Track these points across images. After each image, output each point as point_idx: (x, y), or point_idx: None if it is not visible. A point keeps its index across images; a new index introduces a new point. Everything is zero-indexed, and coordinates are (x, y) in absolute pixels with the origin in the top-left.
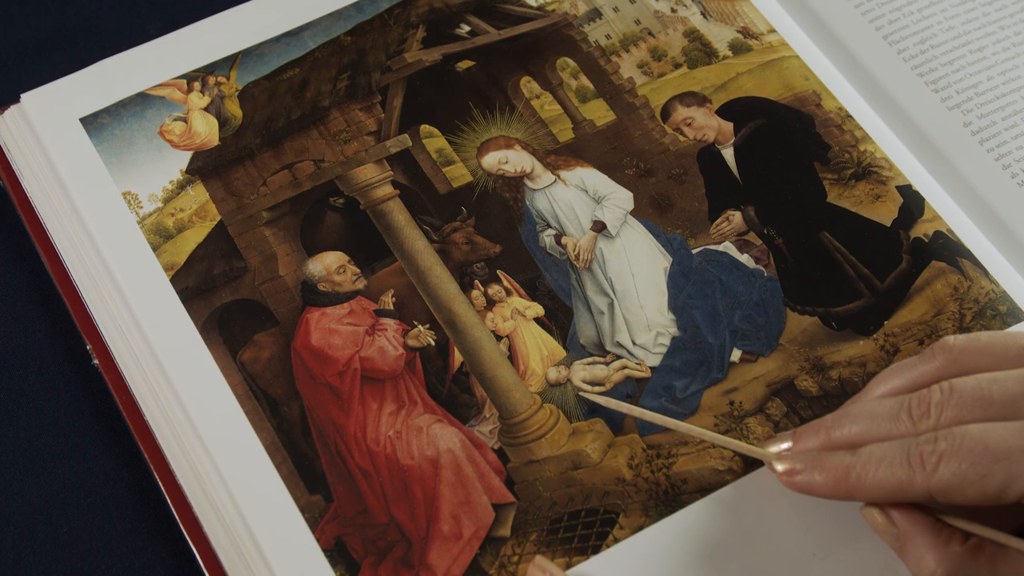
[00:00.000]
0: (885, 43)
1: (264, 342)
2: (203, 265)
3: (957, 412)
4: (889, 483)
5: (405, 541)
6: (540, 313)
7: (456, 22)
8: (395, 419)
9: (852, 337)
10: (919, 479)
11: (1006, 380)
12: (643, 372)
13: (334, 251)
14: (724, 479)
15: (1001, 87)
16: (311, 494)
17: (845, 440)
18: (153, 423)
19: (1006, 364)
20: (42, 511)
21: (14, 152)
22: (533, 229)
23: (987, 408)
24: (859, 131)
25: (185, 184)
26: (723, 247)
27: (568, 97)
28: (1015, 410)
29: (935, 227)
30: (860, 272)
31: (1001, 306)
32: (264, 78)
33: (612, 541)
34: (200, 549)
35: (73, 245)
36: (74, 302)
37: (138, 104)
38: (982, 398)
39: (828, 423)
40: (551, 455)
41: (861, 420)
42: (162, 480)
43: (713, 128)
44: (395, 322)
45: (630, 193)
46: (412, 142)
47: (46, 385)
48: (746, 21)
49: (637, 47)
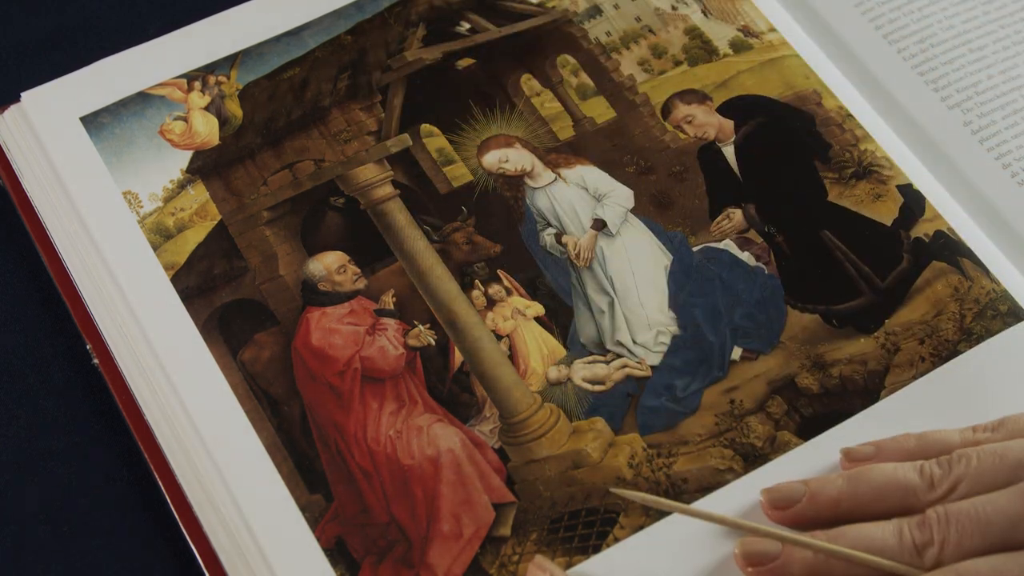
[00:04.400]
0: (885, 42)
1: (264, 342)
2: (203, 265)
3: (958, 539)
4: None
5: (405, 540)
6: (540, 312)
7: (456, 20)
8: (395, 418)
9: (853, 335)
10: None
11: (998, 500)
12: (643, 371)
13: (334, 251)
14: (724, 479)
15: (1001, 86)
16: (311, 493)
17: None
18: (153, 423)
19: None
20: (42, 511)
21: (14, 151)
22: (533, 228)
23: (986, 533)
24: (859, 130)
25: (185, 183)
26: (724, 245)
27: (568, 95)
28: (1014, 533)
29: (935, 226)
30: (861, 271)
31: (1002, 305)
32: (264, 77)
33: (612, 541)
34: (200, 549)
35: (73, 245)
36: (74, 302)
37: (138, 103)
38: (979, 521)
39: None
40: (551, 454)
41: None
42: (162, 480)
43: (714, 126)
44: (395, 322)
45: (630, 191)
46: (412, 141)
47: (46, 385)
48: (747, 20)
49: (638, 44)
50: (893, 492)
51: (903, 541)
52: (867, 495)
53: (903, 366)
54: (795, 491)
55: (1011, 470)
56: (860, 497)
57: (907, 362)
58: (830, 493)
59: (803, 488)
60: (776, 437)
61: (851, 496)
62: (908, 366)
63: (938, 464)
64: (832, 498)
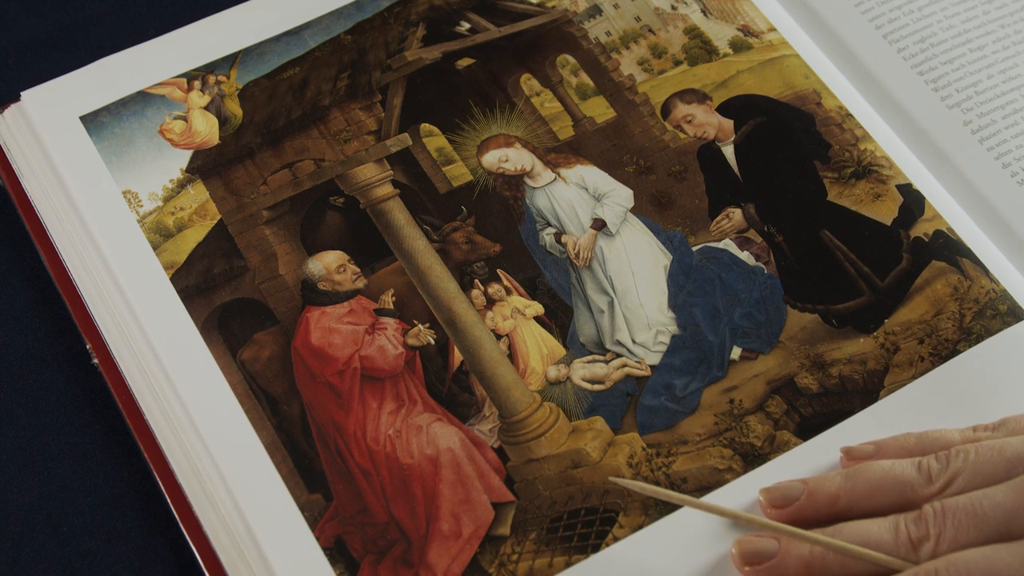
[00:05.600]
0: (885, 42)
1: (264, 341)
2: (203, 264)
3: (954, 533)
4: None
5: (405, 540)
6: (540, 312)
7: (456, 19)
8: (395, 418)
9: (852, 335)
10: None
11: (995, 494)
12: (643, 370)
13: (334, 250)
14: (724, 478)
15: (1001, 85)
16: (311, 493)
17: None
18: (153, 422)
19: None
20: (42, 510)
21: (14, 151)
22: (533, 228)
23: (983, 527)
24: (859, 130)
25: (185, 183)
26: (723, 244)
27: (568, 94)
28: (1010, 527)
29: (935, 226)
30: (860, 270)
31: (1001, 305)
32: (264, 77)
33: (612, 540)
34: (200, 548)
35: (73, 244)
36: (74, 301)
37: (138, 103)
38: (975, 515)
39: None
40: (551, 454)
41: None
42: (162, 479)
43: (713, 125)
44: (395, 321)
45: (630, 191)
46: (412, 141)
47: (46, 385)
48: (746, 19)
49: (637, 44)
50: (891, 487)
51: (899, 536)
52: (865, 491)
53: (903, 366)
54: (793, 489)
55: (1009, 464)
56: (858, 493)
57: (907, 362)
58: (828, 490)
59: (801, 487)
60: (775, 437)
61: (849, 492)
62: (908, 366)
63: (936, 459)
64: (830, 495)
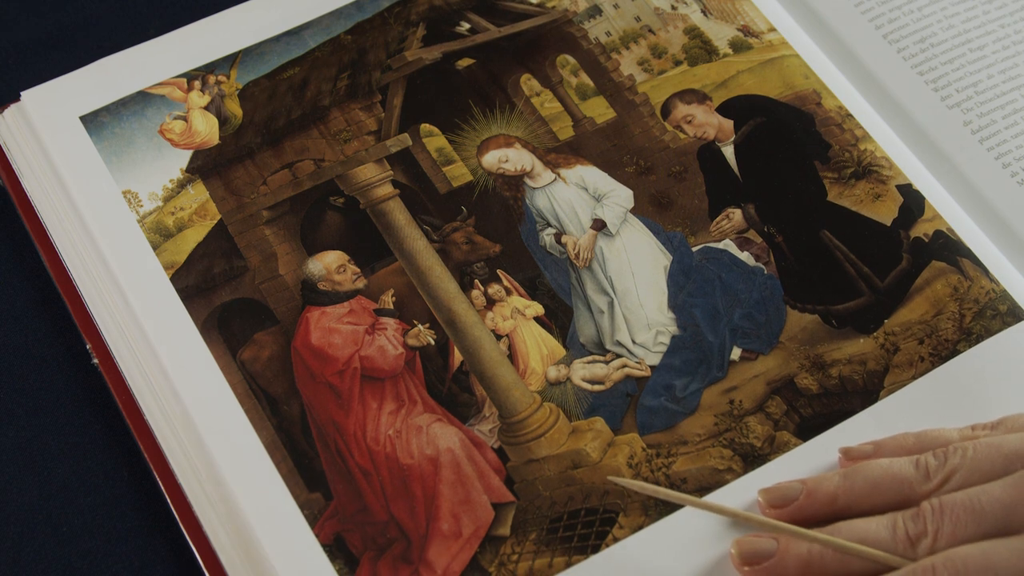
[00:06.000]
0: (885, 42)
1: (264, 341)
2: (203, 264)
3: (952, 529)
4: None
5: (404, 539)
6: (540, 312)
7: (456, 20)
8: (395, 418)
9: (852, 335)
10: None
11: (992, 490)
12: (643, 371)
13: (334, 250)
14: (724, 479)
15: (1001, 85)
16: (310, 492)
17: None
18: (153, 422)
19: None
20: (42, 510)
21: (14, 151)
22: (533, 228)
23: (980, 522)
24: (859, 130)
25: (185, 183)
26: (723, 245)
27: (568, 94)
28: (1007, 522)
29: (935, 226)
30: (860, 271)
31: (1001, 305)
32: (264, 77)
33: (612, 540)
34: (200, 547)
35: (73, 244)
36: (74, 301)
37: (138, 103)
38: (973, 511)
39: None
40: (551, 454)
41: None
42: (162, 479)
43: (713, 126)
44: (395, 321)
45: (630, 191)
46: (412, 141)
47: (46, 385)
48: (746, 19)
49: (637, 44)
50: (889, 485)
51: (897, 533)
52: (863, 489)
53: (902, 366)
54: (792, 490)
55: (1006, 460)
56: (857, 492)
57: (906, 362)
58: (827, 489)
59: (800, 487)
60: (775, 437)
61: (848, 491)
62: (907, 366)
63: (933, 456)
64: (829, 494)
